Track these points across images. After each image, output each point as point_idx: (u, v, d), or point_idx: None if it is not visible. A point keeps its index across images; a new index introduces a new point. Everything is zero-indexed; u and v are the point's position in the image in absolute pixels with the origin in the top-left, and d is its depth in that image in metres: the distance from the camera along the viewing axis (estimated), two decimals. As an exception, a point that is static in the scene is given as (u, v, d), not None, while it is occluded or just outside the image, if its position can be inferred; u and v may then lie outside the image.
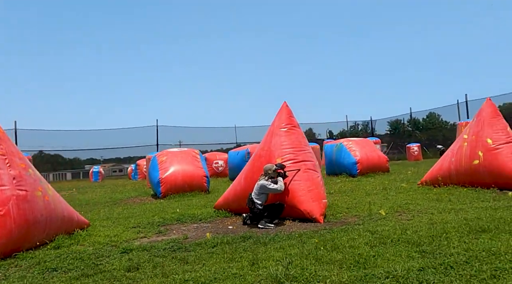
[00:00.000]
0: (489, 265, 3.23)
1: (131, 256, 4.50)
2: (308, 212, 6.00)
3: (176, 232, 6.00)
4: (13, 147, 5.56)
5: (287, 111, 7.02)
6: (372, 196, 8.54)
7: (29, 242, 5.18)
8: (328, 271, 3.36)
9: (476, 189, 8.23)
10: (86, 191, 17.99)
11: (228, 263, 3.85)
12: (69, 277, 3.84)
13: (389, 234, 4.53)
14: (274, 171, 6.11)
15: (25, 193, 5.22)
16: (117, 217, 7.88)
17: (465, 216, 5.38)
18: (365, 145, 15.58)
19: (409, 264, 3.38)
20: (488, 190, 8.04)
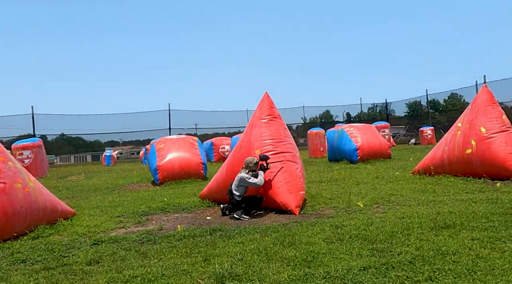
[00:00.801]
0: (430, 266, 3.19)
1: (99, 249, 4.62)
2: (284, 204, 6.01)
3: (155, 223, 6.12)
4: (-7, 141, 5.71)
5: (268, 102, 6.96)
6: (360, 186, 8.48)
7: (9, 232, 5.37)
8: (273, 269, 3.38)
9: (468, 179, 8.07)
10: (93, 176, 18.41)
11: (183, 259, 3.92)
12: (32, 269, 3.99)
13: (350, 229, 4.52)
14: (255, 164, 6.11)
15: (3, 186, 5.38)
16: (107, 206, 8.07)
17: (439, 210, 5.30)
18: (366, 131, 15.37)
19: (353, 263, 3.38)
20: (480, 180, 7.88)
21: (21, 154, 19.06)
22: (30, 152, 19.26)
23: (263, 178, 6.03)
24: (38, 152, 19.75)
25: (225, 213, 6.27)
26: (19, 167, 6.02)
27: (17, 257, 4.52)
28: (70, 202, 9.46)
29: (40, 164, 19.87)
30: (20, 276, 3.79)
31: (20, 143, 19.68)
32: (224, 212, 6.28)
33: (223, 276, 3.25)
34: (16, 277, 3.75)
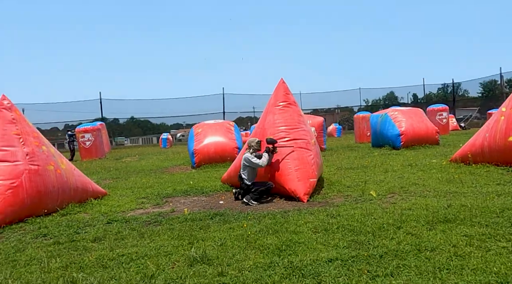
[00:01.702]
0: (398, 261, 3.08)
1: (108, 227, 5.04)
2: (292, 191, 6.02)
3: (172, 205, 6.47)
4: (28, 127, 6.38)
5: (284, 88, 6.92)
6: (387, 174, 8.15)
7: (42, 209, 6.02)
8: (244, 256, 3.49)
9: (508, 169, 7.39)
10: (145, 158, 19.61)
11: (172, 241, 4.16)
12: (46, 243, 4.49)
13: (343, 219, 4.45)
14: (257, 143, 6.19)
15: (37, 168, 6.03)
16: (138, 187, 8.66)
17: (452, 202, 4.97)
18: (412, 116, 14.51)
19: (324, 254, 3.36)
20: (522, 170, 7.18)
21: (83, 137, 20.82)
22: (90, 135, 20.94)
23: (266, 159, 6.07)
24: (97, 135, 21.42)
25: (237, 197, 6.43)
26: (53, 151, 6.67)
27: (41, 231, 5.10)
28: (113, 182, 10.29)
29: (100, 146, 21.55)
30: (33, 249, 4.29)
31: (82, 127, 21.49)
32: (236, 196, 6.45)
33: (195, 260, 3.42)
34: (30, 250, 4.26)
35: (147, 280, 3.06)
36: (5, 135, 6.02)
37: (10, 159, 5.86)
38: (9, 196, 5.61)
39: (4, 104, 6.23)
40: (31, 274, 3.43)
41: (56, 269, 3.53)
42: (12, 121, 6.13)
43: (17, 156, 5.91)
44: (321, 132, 15.86)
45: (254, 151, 6.17)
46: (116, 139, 66.15)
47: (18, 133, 6.09)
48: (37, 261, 3.79)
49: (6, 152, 5.90)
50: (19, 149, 5.98)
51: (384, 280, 2.80)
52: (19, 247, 4.39)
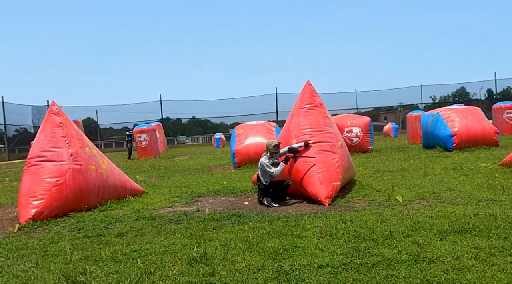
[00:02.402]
0: (389, 271, 2.99)
1: (134, 224, 5.42)
2: (314, 194, 5.99)
3: (200, 204, 6.74)
4: (73, 130, 7.03)
5: (310, 90, 6.88)
6: (426, 178, 7.74)
7: (83, 205, 6.61)
8: (242, 258, 3.59)
9: None
10: (195, 157, 20.41)
11: (182, 240, 4.38)
12: (77, 236, 4.95)
13: (351, 225, 4.35)
14: (274, 146, 6.25)
15: (79, 167, 6.64)
16: (176, 186, 9.11)
17: (481, 211, 4.65)
18: (467, 115, 13.53)
19: (317, 260, 3.36)
20: None
21: (139, 137, 22.22)
22: (146, 135, 22.28)
23: (281, 169, 6.11)
24: (152, 135, 22.72)
25: (260, 200, 6.53)
26: (95, 152, 7.28)
27: (78, 225, 5.62)
28: (157, 180, 10.91)
29: (155, 146, 22.83)
30: (66, 241, 4.77)
31: (138, 128, 22.94)
32: (260, 200, 6.55)
33: (194, 259, 3.59)
34: (62, 242, 4.74)
35: (145, 276, 3.29)
36: (53, 137, 6.70)
37: (57, 159, 6.51)
38: (55, 192, 6.24)
39: (53, 110, 6.94)
40: (54, 264, 3.83)
41: (76, 261, 3.91)
42: (59, 125, 6.81)
43: (63, 156, 6.55)
44: (367, 132, 15.36)
45: (271, 155, 6.23)
46: (178, 138, 69.73)
47: (64, 136, 6.74)
48: (63, 252, 4.21)
49: (54, 152, 6.56)
50: (65, 150, 6.62)
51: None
52: (54, 239, 4.90)
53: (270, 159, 6.30)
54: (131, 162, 19.38)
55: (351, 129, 15.30)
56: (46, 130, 6.77)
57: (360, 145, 15.19)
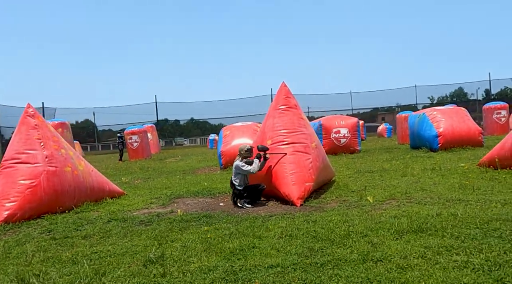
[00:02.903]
0: (336, 270, 3.02)
1: (106, 226, 5.42)
2: (286, 195, 6.02)
3: (176, 206, 6.75)
4: (49, 132, 7.02)
5: (285, 92, 6.91)
6: (403, 178, 7.79)
7: (59, 206, 6.60)
8: (197, 259, 3.61)
9: (538, 175, 6.72)
10: (185, 159, 20.40)
11: (145, 241, 4.39)
12: (44, 238, 4.95)
13: (313, 226, 4.39)
14: (247, 151, 6.27)
15: (55, 169, 6.64)
16: (158, 187, 9.13)
17: (445, 211, 4.69)
18: (453, 115, 13.60)
19: (269, 260, 3.38)
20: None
21: (130, 139, 22.20)
22: (137, 136, 22.25)
23: (257, 165, 6.13)
24: (143, 137, 22.69)
25: (234, 202, 6.55)
26: (72, 154, 7.28)
27: (48, 227, 5.62)
28: (142, 182, 10.91)
29: (146, 147, 22.80)
30: (32, 243, 4.77)
31: (129, 129, 22.91)
32: (233, 201, 6.57)
33: (150, 260, 3.61)
34: (29, 243, 4.75)
35: (97, 277, 3.30)
36: (28, 139, 6.70)
37: (31, 161, 6.52)
38: (28, 194, 6.24)
39: (29, 112, 6.95)
40: (13, 266, 3.84)
41: (36, 263, 3.91)
42: (35, 127, 6.81)
43: (38, 158, 6.56)
44: (355, 133, 15.41)
45: (244, 158, 6.26)
46: (176, 140, 69.77)
47: (39, 138, 6.75)
48: (25, 254, 4.22)
49: (28, 154, 6.57)
50: (40, 152, 6.62)
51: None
52: (21, 241, 4.90)
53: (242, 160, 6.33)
54: (121, 164, 19.38)
55: (339, 130, 15.34)
56: (21, 133, 6.78)
57: (348, 145, 15.24)
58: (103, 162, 22.82)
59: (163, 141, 68.93)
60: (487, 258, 3.02)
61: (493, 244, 3.33)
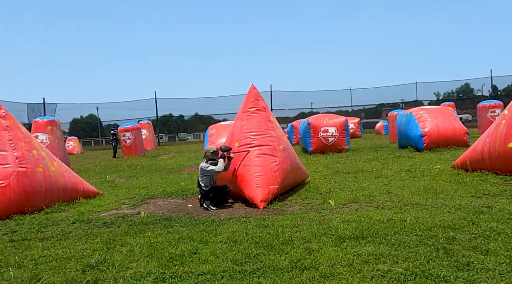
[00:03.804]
0: (261, 279, 3.07)
1: (68, 227, 5.50)
2: (250, 197, 6.07)
3: (146, 207, 6.82)
4: (21, 133, 7.10)
5: (253, 94, 6.94)
6: (375, 180, 7.83)
7: (29, 207, 6.69)
8: (137, 264, 3.68)
9: (505, 179, 6.73)
10: (178, 156, 20.50)
11: (97, 244, 4.46)
12: (4, 240, 5.03)
13: (261, 231, 4.44)
14: (212, 153, 6.33)
15: (25, 170, 6.72)
16: (135, 187, 9.20)
17: (395, 216, 4.73)
18: (439, 115, 13.59)
19: (204, 267, 3.45)
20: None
21: (124, 136, 22.31)
22: (130, 133, 22.36)
23: (222, 165, 6.20)
24: (137, 134, 22.80)
25: (200, 202, 6.61)
26: (44, 155, 7.35)
27: (14, 228, 5.70)
28: (124, 180, 10.99)
29: (139, 144, 22.91)
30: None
31: (123, 126, 23.01)
32: (200, 202, 6.63)
33: (89, 266, 3.68)
34: (-13, 245, 4.83)
35: (31, 282, 3.37)
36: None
37: (2, 162, 6.59)
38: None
39: (0, 113, 7.02)
40: (-39, 269, 3.92)
41: (-15, 265, 3.99)
42: (6, 128, 6.88)
43: (8, 159, 6.63)
44: (343, 132, 15.42)
45: (209, 160, 6.32)
46: (179, 135, 70.08)
47: (10, 139, 6.82)
48: (-23, 257, 4.30)
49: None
50: (10, 153, 6.70)
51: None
52: (-19, 242, 4.99)
53: (207, 162, 6.38)
54: (113, 161, 19.49)
55: (327, 129, 15.36)
56: (-8, 134, 6.85)
57: (335, 144, 15.26)
58: (97, 159, 22.98)
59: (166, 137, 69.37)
60: (407, 267, 3.06)
61: (422, 252, 3.37)
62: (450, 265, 3.07)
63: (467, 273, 2.90)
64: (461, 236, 3.75)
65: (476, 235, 3.77)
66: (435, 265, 3.08)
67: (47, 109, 43.85)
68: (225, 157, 6.31)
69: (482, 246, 3.44)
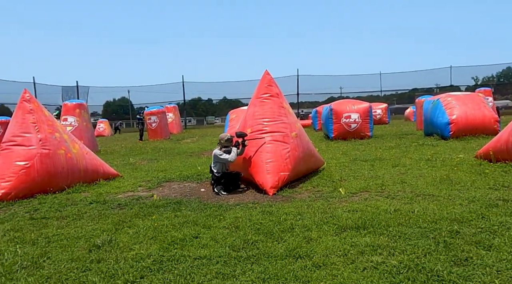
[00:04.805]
0: (254, 266, 3.12)
1: (84, 208, 5.75)
2: (260, 183, 6.10)
3: (158, 190, 6.99)
4: (44, 117, 7.41)
5: (267, 80, 6.89)
6: (392, 169, 7.66)
7: (52, 187, 7.02)
8: (140, 246, 3.81)
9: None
10: (200, 140, 20.81)
11: (107, 225, 4.65)
12: (25, 218, 5.33)
13: (264, 217, 4.47)
14: (226, 140, 6.36)
15: (48, 152, 7.04)
16: (154, 169, 9.44)
17: (404, 207, 4.64)
18: (468, 102, 13.00)
19: (202, 251, 3.53)
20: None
21: (149, 119, 22.81)
22: (156, 117, 22.82)
23: (235, 154, 6.22)
24: (162, 117, 23.24)
25: (213, 187, 6.71)
26: (66, 137, 7.65)
27: (37, 207, 6.02)
28: (146, 163, 11.29)
29: (164, 128, 23.37)
30: (12, 221, 5.16)
31: (149, 110, 23.50)
32: (212, 187, 6.73)
33: (96, 246, 3.85)
34: (9, 222, 5.14)
35: (41, 260, 3.57)
36: (23, 123, 7.12)
37: (26, 144, 6.94)
38: (22, 175, 6.68)
39: (25, 97, 7.34)
40: (-18, 244, 4.20)
41: (4, 242, 4.26)
42: (30, 111, 7.21)
43: (32, 141, 6.97)
44: (366, 118, 15.07)
45: (223, 147, 6.36)
46: (207, 118, 71.18)
47: (34, 122, 7.14)
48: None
49: (23, 137, 6.99)
50: (34, 135, 7.03)
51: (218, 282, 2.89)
52: (4, 219, 5.31)
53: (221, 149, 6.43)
54: (139, 144, 20.03)
55: (350, 115, 15.06)
56: (17, 117, 7.20)
57: (358, 131, 14.97)
58: (124, 141, 23.69)
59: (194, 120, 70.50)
60: (402, 260, 3.01)
61: (420, 245, 3.30)
62: (447, 260, 2.99)
63: (462, 269, 2.82)
64: (466, 230, 3.63)
65: (483, 229, 3.64)
66: (431, 259, 3.02)
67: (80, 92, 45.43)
68: (239, 144, 6.35)
69: (486, 241, 3.32)
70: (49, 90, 42.51)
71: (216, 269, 3.12)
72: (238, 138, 6.38)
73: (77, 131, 14.94)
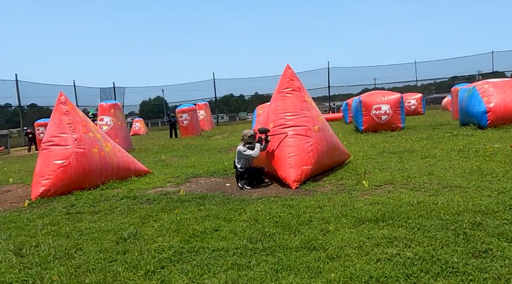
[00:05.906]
0: (265, 257, 3.19)
1: (116, 203, 6.05)
2: (283, 177, 6.16)
3: (185, 186, 7.22)
4: (78, 117, 7.82)
5: (289, 74, 6.90)
6: (420, 161, 7.46)
7: (87, 184, 7.44)
8: (163, 238, 3.99)
9: None
10: (230, 136, 21.06)
11: (135, 219, 4.88)
12: (62, 212, 5.70)
13: (283, 210, 4.52)
14: (250, 137, 6.44)
15: (83, 150, 7.44)
16: (183, 166, 9.72)
17: (426, 199, 4.53)
18: (507, 89, 12.34)
19: (219, 243, 3.65)
20: None
21: (181, 117, 23.39)
22: (187, 114, 23.37)
23: (259, 150, 6.30)
24: (193, 115, 23.75)
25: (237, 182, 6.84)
26: (99, 136, 8.04)
27: (73, 202, 6.41)
28: (176, 160, 11.63)
29: (195, 125, 23.88)
30: (51, 216, 5.53)
31: (180, 108, 24.07)
32: (237, 181, 6.86)
33: (122, 238, 4.07)
34: (48, 217, 5.51)
35: (73, 251, 3.83)
36: (60, 124, 7.56)
37: (63, 144, 7.37)
38: (60, 173, 7.12)
39: (61, 100, 7.78)
40: (20, 237, 4.55)
41: (41, 235, 4.59)
42: (65, 113, 7.64)
43: (68, 141, 7.39)
44: (397, 109, 14.67)
45: (246, 143, 6.46)
46: (239, 114, 72.10)
47: (69, 123, 7.57)
48: (35, 227, 4.94)
49: (60, 138, 7.43)
50: (70, 135, 7.45)
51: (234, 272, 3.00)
52: (44, 214, 5.70)
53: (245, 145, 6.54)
54: (171, 141, 20.59)
55: (380, 107, 14.72)
56: (54, 118, 7.65)
57: (389, 123, 14.61)
58: (158, 139, 24.40)
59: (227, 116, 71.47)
60: (417, 252, 2.98)
61: (438, 237, 3.24)
62: (465, 252, 2.93)
63: (480, 260, 2.76)
64: (490, 222, 3.52)
65: (508, 221, 3.51)
66: (448, 251, 2.96)
67: (117, 93, 47.25)
68: (262, 140, 6.42)
69: (510, 233, 3.21)
70: (88, 92, 44.54)
71: (232, 260, 3.23)
72: (261, 134, 6.45)
73: (113, 130, 15.62)
